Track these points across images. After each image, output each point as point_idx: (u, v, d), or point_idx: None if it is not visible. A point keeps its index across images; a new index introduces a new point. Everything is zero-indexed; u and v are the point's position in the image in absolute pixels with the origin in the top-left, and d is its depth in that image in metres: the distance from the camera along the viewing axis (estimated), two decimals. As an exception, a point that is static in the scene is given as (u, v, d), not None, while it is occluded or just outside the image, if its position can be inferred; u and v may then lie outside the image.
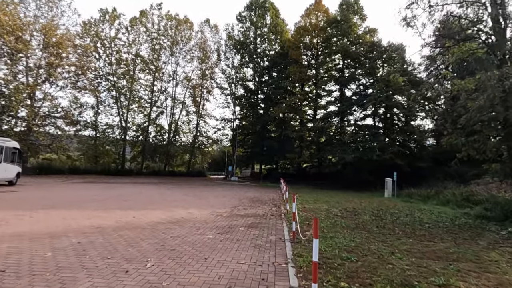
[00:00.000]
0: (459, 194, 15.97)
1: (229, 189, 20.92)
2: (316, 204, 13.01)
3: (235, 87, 44.53)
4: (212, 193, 16.82)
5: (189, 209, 9.73)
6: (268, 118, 37.64)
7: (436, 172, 26.91)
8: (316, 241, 3.26)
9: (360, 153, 26.40)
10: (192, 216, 8.33)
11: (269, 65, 41.45)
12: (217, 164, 58.41)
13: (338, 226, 7.71)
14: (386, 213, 11.14)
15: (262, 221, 8.02)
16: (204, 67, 46.03)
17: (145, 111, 43.42)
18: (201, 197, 14.41)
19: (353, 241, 6.07)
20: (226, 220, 8.00)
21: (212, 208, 10.33)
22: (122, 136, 41.58)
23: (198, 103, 45.70)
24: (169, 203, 11.39)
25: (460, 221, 9.94)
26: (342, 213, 10.32)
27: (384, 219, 9.47)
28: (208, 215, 8.74)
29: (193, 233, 6.20)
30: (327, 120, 32.76)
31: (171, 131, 44.49)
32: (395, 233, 7.23)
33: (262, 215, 9.23)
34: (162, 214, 8.48)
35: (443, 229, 8.27)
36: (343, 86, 33.18)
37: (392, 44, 29.51)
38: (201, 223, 7.40)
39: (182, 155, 46.29)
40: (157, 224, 7.04)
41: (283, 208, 10.96)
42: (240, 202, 12.58)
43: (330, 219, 8.78)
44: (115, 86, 40.53)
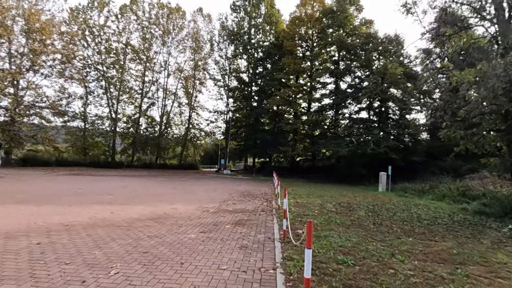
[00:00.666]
0: (455, 188, 15.64)
1: (221, 183, 20.34)
2: (309, 199, 12.52)
3: (228, 79, 43.64)
4: (202, 187, 16.22)
5: (174, 204, 9.11)
6: (261, 110, 36.97)
7: (430, 166, 26.74)
8: (309, 252, 2.67)
9: (354, 147, 26.00)
10: (176, 212, 7.72)
11: (263, 56, 40.60)
12: (210, 157, 57.70)
13: (332, 223, 7.19)
14: (382, 208, 10.69)
15: (251, 218, 7.46)
16: (197, 57, 44.98)
17: (135, 102, 42.37)
18: (190, 191, 13.80)
19: (349, 240, 5.55)
20: (213, 216, 7.42)
21: (200, 203, 9.73)
22: (112, 128, 40.56)
23: (190, 94, 44.74)
24: (154, 197, 10.76)
25: (458, 217, 9.54)
26: (336, 209, 9.83)
27: (380, 215, 9.01)
28: (193, 210, 8.15)
29: (174, 231, 5.60)
30: (321, 113, 32.23)
31: (162, 123, 43.55)
32: (393, 231, 6.74)
33: (251, 210, 8.67)
34: (144, 210, 7.86)
35: (443, 226, 7.83)
36: (338, 78, 32.62)
37: (389, 36, 28.95)
38: (185, 219, 6.80)
39: (174, 147, 45.46)
40: (135, 221, 6.42)
41: (275, 203, 10.42)
42: (230, 197, 12.01)
43: (324, 215, 8.27)
44: (104, 76, 39.31)
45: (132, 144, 42.05)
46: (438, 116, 11.35)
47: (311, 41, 34.96)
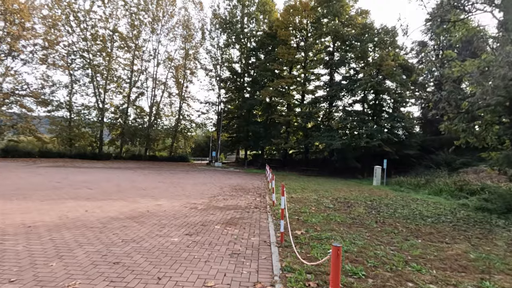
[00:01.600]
0: (452, 183, 15.31)
1: (211, 176, 19.60)
2: (304, 194, 11.92)
3: (220, 69, 42.46)
4: (191, 180, 15.45)
5: (159, 200, 8.35)
6: (254, 102, 36.09)
7: (424, 160, 26.54)
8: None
9: (348, 140, 25.51)
10: (160, 209, 6.97)
11: (256, 46, 39.55)
12: (201, 149, 56.77)
13: (332, 222, 6.57)
14: (381, 204, 10.17)
15: (244, 216, 6.77)
16: (188, 46, 43.57)
17: (124, 92, 40.88)
18: (178, 184, 13.02)
19: (354, 243, 4.93)
20: (201, 214, 6.70)
21: (188, 198, 8.99)
22: (99, 118, 39.11)
23: (181, 85, 43.44)
24: (138, 191, 9.95)
25: (461, 214, 9.08)
26: (334, 205, 9.23)
27: (381, 212, 8.45)
28: (180, 207, 7.41)
29: (154, 233, 4.87)
30: (315, 105, 31.60)
31: (152, 114, 42.27)
32: (399, 231, 6.16)
33: (244, 207, 7.99)
34: (124, 207, 7.08)
35: (448, 224, 7.31)
36: (332, 70, 31.93)
37: (385, 27, 28.30)
38: (169, 218, 6.06)
39: (164, 139, 44.28)
40: (112, 220, 5.64)
41: (269, 199, 9.76)
42: (221, 191, 11.30)
43: (322, 212, 7.65)
44: (90, 64, 37.65)
45: (120, 135, 40.73)
46: (440, 107, 10.77)
47: (306, 31, 34.04)
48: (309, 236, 5.17)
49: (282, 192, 4.77)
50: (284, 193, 4.79)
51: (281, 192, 4.80)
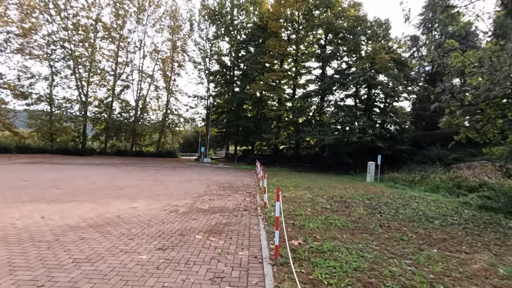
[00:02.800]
0: (448, 179, 14.80)
1: (199, 172, 18.60)
2: (297, 192, 11.12)
3: (209, 62, 41.12)
4: (176, 177, 14.43)
5: (136, 201, 7.36)
6: (244, 96, 35.00)
7: (416, 155, 26.21)
8: None
9: (340, 135, 24.87)
10: (133, 214, 6.00)
11: (246, 39, 38.34)
12: (190, 144, 55.46)
13: (333, 227, 5.76)
14: (380, 203, 9.45)
15: (231, 221, 5.87)
16: (175, 38, 42.02)
17: (108, 85, 39.18)
18: (162, 182, 12.01)
19: (362, 257, 4.11)
20: (181, 219, 5.76)
21: (169, 199, 8.02)
22: (82, 112, 37.38)
23: (168, 78, 41.95)
24: (114, 191, 8.92)
25: (465, 213, 8.45)
26: (331, 205, 8.44)
27: (382, 213, 7.71)
28: (158, 210, 6.45)
29: (119, 249, 3.92)
30: (306, 99, 30.81)
31: (138, 108, 40.71)
32: (408, 238, 5.40)
33: (232, 209, 7.09)
34: (92, 210, 6.08)
35: (457, 227, 6.61)
36: (325, 63, 31.13)
37: (378, 20, 27.65)
38: (141, 226, 5.11)
39: (150, 134, 42.81)
40: (69, 230, 4.66)
41: (260, 199, 8.90)
42: (208, 190, 10.36)
43: (320, 215, 6.84)
44: (72, 55, 35.78)
45: (105, 130, 39.11)
46: (443, 100, 10.08)
47: (297, 24, 33.07)
48: (308, 248, 4.32)
49: (277, 196, 3.88)
50: (280, 198, 3.90)
51: (276, 197, 3.92)
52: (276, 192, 3.91)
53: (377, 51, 24.05)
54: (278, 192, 3.82)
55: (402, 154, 25.97)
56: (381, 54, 23.94)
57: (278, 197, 3.87)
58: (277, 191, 3.86)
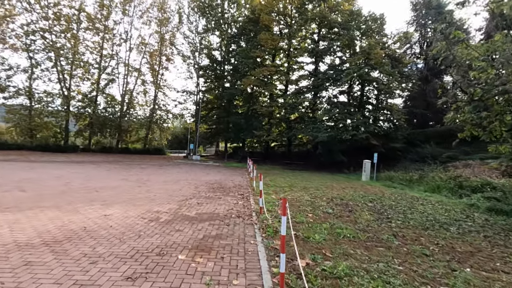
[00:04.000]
0: (448, 179, 14.24)
1: (187, 171, 17.56)
2: (293, 192, 10.27)
3: (199, 56, 39.83)
4: (162, 177, 13.37)
5: (110, 207, 6.34)
6: (235, 91, 33.93)
7: (410, 154, 25.83)
8: None
9: (334, 132, 24.19)
10: (104, 224, 4.99)
11: (237, 32, 37.20)
12: (179, 141, 54.11)
13: (342, 239, 4.91)
14: (384, 206, 8.70)
15: (222, 232, 4.95)
16: (164, 30, 40.50)
17: (92, 78, 37.45)
18: (145, 182, 10.95)
19: (389, 283, 3.26)
20: (162, 231, 4.80)
21: (151, 203, 7.02)
22: (65, 107, 35.60)
23: (156, 72, 40.47)
24: (88, 194, 7.85)
25: (477, 217, 7.78)
26: (332, 209, 7.61)
27: (390, 218, 6.94)
28: (136, 219, 5.46)
29: (72, 279, 2.94)
30: (299, 95, 30.00)
31: (124, 103, 39.14)
32: (430, 251, 4.60)
33: (223, 216, 6.16)
34: (52, 220, 5.04)
35: (477, 235, 5.89)
36: (318, 58, 30.35)
37: (373, 14, 27.03)
38: (111, 242, 4.12)
39: (137, 130, 41.27)
40: (16, 249, 3.63)
41: (253, 202, 7.99)
42: (196, 192, 9.38)
43: (323, 222, 5.99)
44: (53, 46, 33.90)
45: (88, 125, 37.42)
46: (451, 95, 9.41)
47: (290, 18, 32.16)
48: (320, 272, 3.43)
49: (284, 209, 2.97)
50: (287, 211, 3.00)
51: (282, 209, 3.01)
52: (282, 204, 2.99)
53: (373, 46, 23.43)
54: (285, 205, 2.91)
55: (396, 152, 25.53)
56: (377, 49, 23.33)
57: (285, 210, 2.96)
58: (283, 203, 2.95)
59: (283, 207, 2.97)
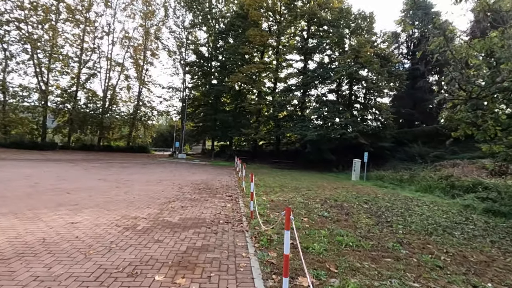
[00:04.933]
0: (438, 178, 14.08)
1: (172, 170, 16.72)
2: (285, 193, 9.70)
3: (185, 52, 38.71)
4: (145, 176, 12.53)
5: (81, 212, 5.56)
6: (222, 88, 33.14)
7: (398, 153, 25.86)
8: None
9: (323, 131, 23.85)
10: (69, 235, 4.24)
11: (225, 28, 36.31)
12: (164, 139, 52.77)
13: (344, 248, 4.36)
14: (380, 207, 8.27)
15: (209, 242, 4.30)
16: (149, 24, 39.13)
17: (72, 73, 35.73)
18: (125, 183, 10.12)
19: (410, 308, 2.71)
20: (138, 242, 4.10)
21: (128, 207, 6.27)
22: (42, 102, 33.79)
23: (140, 67, 39.10)
24: (57, 197, 7.00)
25: (477, 220, 7.45)
26: (328, 212, 7.09)
27: (389, 222, 6.49)
28: (108, 227, 4.73)
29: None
30: (288, 93, 29.53)
31: (106, 99, 37.59)
32: (442, 261, 4.11)
33: (210, 221, 5.50)
34: (5, 231, 4.24)
35: (482, 240, 5.50)
36: (307, 56, 29.96)
37: (362, 13, 26.85)
38: (73, 258, 3.40)
39: (120, 127, 39.77)
40: None
41: (243, 204, 7.36)
42: (179, 193, 8.66)
43: (321, 227, 5.44)
44: (29, 37, 32.06)
45: (68, 122, 35.71)
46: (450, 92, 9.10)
47: (279, 15, 31.63)
48: (328, 296, 2.85)
49: (287, 222, 2.37)
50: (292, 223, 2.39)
51: (285, 223, 2.40)
52: (286, 215, 2.38)
53: (362, 44, 23.21)
54: (289, 216, 2.30)
55: (384, 151, 25.49)
56: (366, 47, 23.12)
57: (289, 223, 2.35)
58: (287, 214, 2.34)
59: (286, 218, 2.35)
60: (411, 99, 32.94)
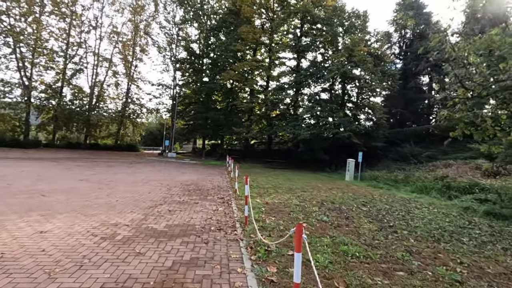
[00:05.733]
0: (435, 179, 13.87)
1: (161, 169, 16.04)
2: (279, 195, 9.22)
3: (176, 48, 37.80)
4: (131, 177, 11.85)
5: (53, 219, 4.93)
6: (214, 86, 32.42)
7: (390, 153, 25.77)
8: None
9: (316, 130, 23.50)
10: (34, 248, 3.64)
11: (217, 25, 35.56)
12: (153, 137, 51.67)
13: (351, 260, 3.89)
14: (380, 210, 7.88)
15: (199, 255, 3.76)
16: (138, 19, 38.06)
17: (57, 68, 34.40)
18: (109, 184, 9.45)
19: None
20: (115, 256, 3.54)
21: (108, 212, 5.67)
22: (25, 98, 32.42)
23: (129, 63, 38.00)
24: (29, 200, 6.33)
25: (480, 224, 7.13)
26: (327, 215, 6.64)
27: (392, 226, 6.09)
28: (83, 237, 4.13)
29: None
30: (280, 92, 29.07)
31: (93, 95, 36.38)
32: (459, 274, 3.70)
33: (200, 228, 4.97)
34: (-40, 243, 3.61)
35: (493, 246, 5.14)
36: (300, 54, 29.55)
37: (356, 11, 26.61)
38: (32, 281, 2.82)
39: (107, 125, 38.61)
40: None
41: (236, 208, 6.84)
42: (168, 195, 8.07)
43: (321, 234, 4.97)
44: (11, 30, 30.68)
45: (53, 119, 34.36)
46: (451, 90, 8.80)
47: (272, 12, 31.13)
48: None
49: (297, 244, 1.86)
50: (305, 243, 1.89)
51: (295, 244, 1.89)
52: (296, 234, 1.87)
53: (356, 43, 22.94)
54: (301, 234, 1.80)
55: (377, 151, 25.35)
56: (360, 46, 22.87)
57: (300, 244, 1.84)
58: (298, 232, 1.83)
59: (297, 237, 1.84)
60: (402, 99, 32.99)
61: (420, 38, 32.69)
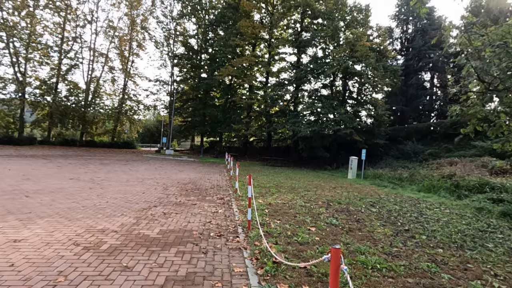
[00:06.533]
0: (442, 178, 13.37)
1: (157, 167, 15.47)
2: (282, 195, 8.69)
3: (173, 43, 37.06)
4: (125, 175, 11.28)
5: (33, 223, 4.37)
6: (212, 82, 31.76)
7: (391, 150, 25.30)
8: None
9: (317, 127, 22.96)
10: (2, 262, 3.08)
11: (215, 20, 34.82)
12: (151, 134, 51.03)
13: (370, 271, 3.37)
14: (390, 211, 7.37)
15: (196, 269, 3.22)
16: (135, 14, 37.23)
17: (52, 63, 33.61)
18: (101, 183, 8.88)
19: None
20: (97, 272, 2.99)
21: (97, 215, 5.11)
22: (19, 94, 31.65)
23: (125, 58, 37.22)
24: (9, 201, 5.76)
25: (500, 226, 6.63)
26: (336, 218, 6.11)
27: (408, 230, 5.58)
28: (62, 246, 3.58)
29: None
30: (280, 88, 28.48)
31: (89, 91, 35.63)
32: (499, 291, 3.19)
33: (198, 235, 4.42)
34: None
35: (524, 254, 4.64)
36: (301, 49, 28.92)
37: (358, 5, 25.99)
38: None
39: (104, 121, 37.90)
40: None
41: (237, 210, 6.30)
42: (164, 195, 7.52)
43: (334, 240, 4.44)
44: (4, 24, 29.87)
45: (48, 115, 33.65)
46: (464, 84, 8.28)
47: (272, 6, 30.45)
48: None
49: (334, 279, 1.31)
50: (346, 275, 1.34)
51: (331, 280, 1.33)
52: (332, 267, 1.32)
53: (358, 37, 22.36)
54: (338, 266, 1.24)
55: (379, 149, 24.88)
56: (362, 41, 22.29)
57: (337, 279, 1.29)
58: (335, 260, 1.29)
59: (332, 269, 1.30)
60: (403, 96, 32.52)
61: (422, 33, 32.17)
